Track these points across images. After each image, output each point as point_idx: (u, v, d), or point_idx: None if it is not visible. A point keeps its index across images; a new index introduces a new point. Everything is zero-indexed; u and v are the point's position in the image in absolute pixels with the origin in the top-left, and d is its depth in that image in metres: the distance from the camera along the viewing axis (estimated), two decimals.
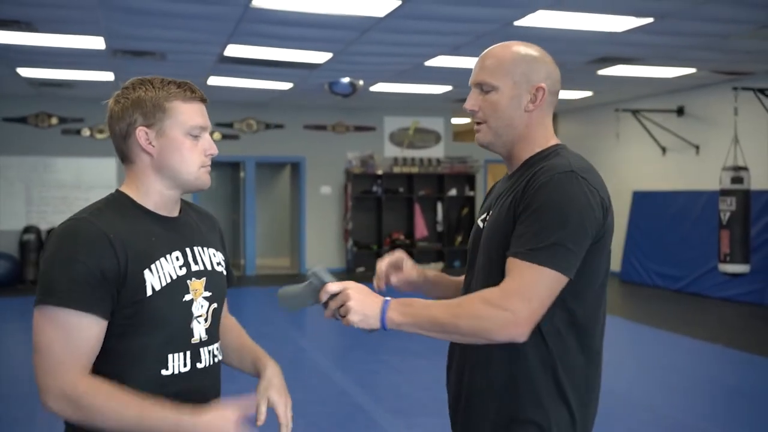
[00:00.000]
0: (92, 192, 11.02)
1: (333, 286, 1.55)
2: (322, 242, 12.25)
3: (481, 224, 1.71)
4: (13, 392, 5.18)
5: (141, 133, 1.51)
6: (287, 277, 11.64)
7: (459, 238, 12.54)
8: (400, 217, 12.51)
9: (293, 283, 1.67)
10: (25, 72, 8.67)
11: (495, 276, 1.55)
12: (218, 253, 1.68)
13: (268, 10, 5.79)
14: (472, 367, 1.62)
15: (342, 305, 1.53)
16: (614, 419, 4.57)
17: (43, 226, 10.75)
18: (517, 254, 1.48)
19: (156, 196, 1.57)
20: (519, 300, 1.44)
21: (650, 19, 6.10)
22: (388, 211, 12.34)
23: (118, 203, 1.56)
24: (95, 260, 1.43)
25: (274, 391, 1.61)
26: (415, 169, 12.41)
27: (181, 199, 1.65)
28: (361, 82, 9.19)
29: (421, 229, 12.39)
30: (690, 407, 4.84)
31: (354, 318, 1.52)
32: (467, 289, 1.73)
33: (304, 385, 5.31)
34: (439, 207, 12.56)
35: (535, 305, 1.44)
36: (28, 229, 10.63)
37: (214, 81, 9.24)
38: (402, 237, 12.39)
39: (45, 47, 7.16)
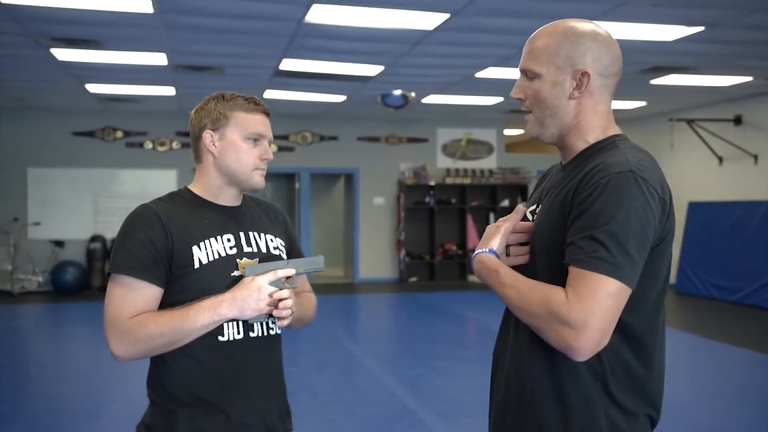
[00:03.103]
0: None
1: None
2: (375, 252, 12.42)
3: (530, 216, 1.60)
4: (80, 391, 5.48)
5: (207, 135, 1.80)
6: (341, 287, 11.84)
7: None
8: (453, 227, 12.60)
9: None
10: (93, 88, 9.11)
11: (541, 272, 1.46)
12: (277, 239, 1.90)
13: (321, 25, 6.00)
14: (520, 377, 1.51)
15: None
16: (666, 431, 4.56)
17: (109, 236, 11.16)
18: (578, 262, 1.34)
19: (216, 189, 1.83)
20: (580, 312, 1.31)
21: (701, 28, 6.08)
22: (440, 222, 12.45)
23: (178, 195, 1.85)
24: (148, 235, 1.70)
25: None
26: (467, 180, 12.50)
27: (246, 195, 1.91)
28: (413, 94, 9.33)
29: (473, 240, 12.44)
30: (746, 420, 4.78)
31: None
32: None
33: (353, 387, 5.47)
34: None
35: (598, 317, 1.30)
36: (94, 239, 11.07)
37: (270, 94, 9.52)
38: (454, 247, 12.47)
39: (111, 64, 7.54)
